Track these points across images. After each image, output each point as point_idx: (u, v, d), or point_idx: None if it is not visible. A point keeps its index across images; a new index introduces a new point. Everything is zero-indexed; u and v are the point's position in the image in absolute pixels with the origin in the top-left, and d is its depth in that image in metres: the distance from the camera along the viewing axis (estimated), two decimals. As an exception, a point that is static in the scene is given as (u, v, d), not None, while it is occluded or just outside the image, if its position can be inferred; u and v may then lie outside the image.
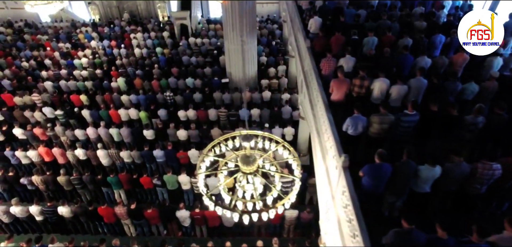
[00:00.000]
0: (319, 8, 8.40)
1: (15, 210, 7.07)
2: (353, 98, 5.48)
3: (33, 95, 10.90)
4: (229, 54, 10.82)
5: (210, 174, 5.45)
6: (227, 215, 3.86)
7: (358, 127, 4.64)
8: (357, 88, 5.37)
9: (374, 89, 5.35)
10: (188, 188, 7.73)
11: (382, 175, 3.80)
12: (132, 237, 7.56)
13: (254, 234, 7.40)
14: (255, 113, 9.86)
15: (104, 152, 8.51)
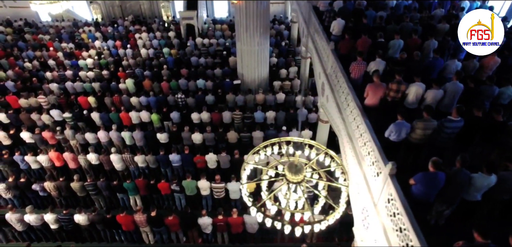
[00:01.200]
0: (338, 10, 8.28)
1: (30, 218, 6.78)
2: (388, 103, 5.36)
3: (39, 97, 10.54)
4: (242, 56, 10.64)
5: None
6: (277, 227, 3.71)
7: (401, 133, 4.52)
8: (393, 92, 5.25)
9: (410, 94, 5.25)
10: (207, 194, 7.52)
11: (437, 184, 3.68)
12: (151, 244, 7.32)
13: (277, 240, 7.24)
14: (270, 116, 9.70)
15: (117, 157, 8.25)
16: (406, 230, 3.60)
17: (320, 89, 8.24)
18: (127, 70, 12.08)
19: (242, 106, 10.29)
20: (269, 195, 3.88)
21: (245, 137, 8.94)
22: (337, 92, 6.60)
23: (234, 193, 7.45)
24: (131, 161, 8.24)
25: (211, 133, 8.90)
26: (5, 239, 7.33)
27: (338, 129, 6.53)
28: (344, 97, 6.21)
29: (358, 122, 5.37)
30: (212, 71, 11.86)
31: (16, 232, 7.13)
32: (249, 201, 3.92)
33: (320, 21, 8.49)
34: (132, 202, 7.85)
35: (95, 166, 8.49)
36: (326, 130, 8.73)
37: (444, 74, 6.02)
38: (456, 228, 4.08)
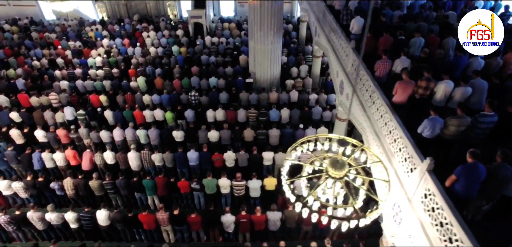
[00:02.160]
0: (355, 9, 8.33)
1: (51, 216, 6.72)
2: (416, 101, 5.42)
3: (51, 95, 10.46)
4: (255, 54, 10.64)
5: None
6: (323, 221, 3.73)
7: (435, 129, 4.57)
8: (422, 90, 5.31)
9: (438, 91, 5.30)
10: (227, 192, 7.50)
11: (478, 175, 3.71)
12: (172, 244, 7.29)
13: (299, 238, 7.25)
14: (285, 114, 9.73)
15: (135, 154, 8.21)
16: (449, 224, 3.65)
17: (338, 87, 8.29)
18: (138, 68, 12.00)
19: (255, 105, 10.29)
20: (314, 190, 3.89)
21: (261, 135, 8.96)
22: (360, 90, 6.65)
23: (254, 191, 7.46)
24: (148, 159, 8.19)
25: (227, 130, 8.89)
26: (25, 238, 7.24)
27: (362, 126, 6.57)
28: (368, 95, 6.25)
29: (386, 119, 5.41)
30: (223, 69, 11.84)
31: (35, 231, 7.05)
32: (293, 196, 3.93)
33: (336, 20, 8.54)
34: (150, 202, 7.80)
35: (110, 166, 8.42)
36: (343, 127, 8.77)
37: (467, 71, 6.10)
38: (493, 223, 4.14)
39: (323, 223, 3.85)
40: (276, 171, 8.41)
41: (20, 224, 6.85)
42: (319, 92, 10.95)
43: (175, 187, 7.55)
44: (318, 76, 11.93)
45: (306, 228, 6.91)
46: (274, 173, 8.38)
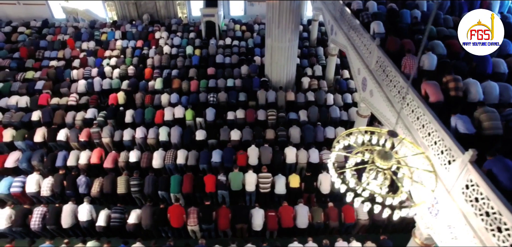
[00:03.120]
0: (372, 14, 8.42)
1: (83, 214, 6.78)
2: (451, 99, 5.49)
3: (71, 96, 10.52)
4: (272, 52, 10.70)
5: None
6: (376, 210, 3.81)
7: (469, 125, 4.67)
8: (454, 91, 5.40)
9: (470, 90, 5.40)
10: (252, 190, 7.53)
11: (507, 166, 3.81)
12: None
13: (327, 234, 7.30)
14: (303, 114, 9.82)
15: (159, 153, 8.28)
16: (496, 213, 3.72)
17: (360, 84, 8.38)
18: (155, 69, 12.06)
19: (273, 103, 10.37)
20: (367, 180, 3.96)
21: (282, 135, 9.03)
22: (387, 86, 6.73)
23: (279, 187, 7.52)
24: (172, 157, 8.23)
25: (249, 128, 8.98)
26: (50, 236, 7.25)
27: (389, 122, 6.66)
28: (396, 91, 6.34)
29: (418, 114, 5.50)
30: (239, 69, 11.92)
31: (59, 229, 7.09)
32: (344, 185, 3.99)
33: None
34: (174, 200, 7.81)
35: (132, 164, 8.43)
36: (364, 124, 8.86)
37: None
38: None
39: (375, 212, 3.95)
40: (298, 170, 8.47)
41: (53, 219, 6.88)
42: (334, 92, 11.05)
43: (200, 186, 7.58)
44: (332, 75, 12.02)
45: (333, 224, 6.97)
46: (297, 172, 8.42)
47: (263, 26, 15.55)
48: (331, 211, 7.07)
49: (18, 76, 11.83)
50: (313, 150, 8.44)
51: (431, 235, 5.16)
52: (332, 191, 7.66)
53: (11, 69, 12.28)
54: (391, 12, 8.56)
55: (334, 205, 7.23)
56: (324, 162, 8.30)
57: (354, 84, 11.65)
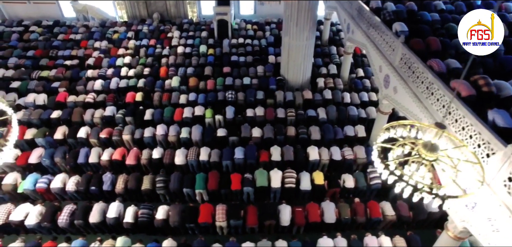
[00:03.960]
0: (393, 12, 8.49)
1: (112, 211, 6.81)
2: (483, 94, 5.57)
3: (89, 95, 10.56)
4: (289, 50, 10.75)
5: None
6: (426, 201, 3.85)
7: (509, 119, 4.75)
8: (486, 87, 5.49)
9: (502, 87, 5.49)
10: (277, 187, 7.56)
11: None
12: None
13: (353, 229, 7.34)
14: (322, 112, 9.89)
15: (181, 150, 8.32)
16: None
17: (382, 82, 8.45)
18: (170, 67, 12.10)
19: (291, 101, 10.44)
20: (414, 171, 3.99)
21: (303, 132, 9.09)
22: (413, 82, 6.82)
23: (304, 183, 7.58)
24: (195, 154, 8.27)
25: (270, 126, 9.04)
26: (78, 233, 7.26)
27: (417, 117, 6.72)
28: (424, 87, 6.42)
29: (451, 109, 5.59)
30: (255, 68, 11.98)
31: (81, 227, 7.12)
32: (394, 176, 4.01)
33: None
34: (198, 197, 7.84)
35: (154, 162, 8.44)
36: (385, 121, 8.95)
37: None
38: None
39: (425, 202, 3.99)
40: (320, 167, 8.53)
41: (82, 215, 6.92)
42: (349, 90, 11.13)
43: (225, 183, 7.62)
44: (347, 74, 12.10)
45: (360, 220, 7.03)
46: (319, 169, 8.45)
47: (274, 26, 15.62)
48: (358, 206, 7.13)
49: (33, 74, 11.83)
50: (334, 148, 8.52)
51: (466, 228, 5.23)
52: (357, 187, 7.74)
53: (26, 68, 12.26)
54: (411, 11, 8.64)
55: (360, 201, 7.30)
56: (346, 159, 8.39)
57: (370, 82, 11.79)
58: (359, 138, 9.22)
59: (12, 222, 6.89)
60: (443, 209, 4.97)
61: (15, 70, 12.12)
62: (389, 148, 4.39)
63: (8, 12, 16.75)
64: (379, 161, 4.30)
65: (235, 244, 6.41)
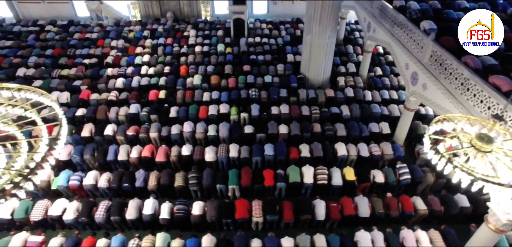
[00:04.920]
0: (420, 10, 8.61)
1: (148, 207, 6.87)
2: None
3: (112, 92, 10.61)
4: (311, 48, 10.85)
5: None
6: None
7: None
8: None
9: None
10: (310, 183, 7.64)
11: None
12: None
13: (385, 223, 7.43)
14: (345, 110, 10.00)
15: (211, 147, 8.40)
16: None
17: (408, 79, 8.57)
18: (190, 66, 12.18)
19: (313, 99, 10.55)
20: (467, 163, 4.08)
21: (329, 129, 9.20)
22: (446, 79, 6.95)
23: (337, 180, 7.68)
24: (225, 151, 8.36)
25: (297, 123, 9.15)
26: (113, 228, 7.32)
27: (450, 113, 6.83)
28: (459, 83, 6.55)
29: (489, 103, 5.73)
30: (274, 67, 12.08)
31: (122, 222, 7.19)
32: (451, 166, 4.09)
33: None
34: (231, 193, 7.91)
35: (184, 159, 8.51)
36: (410, 118, 9.08)
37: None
38: None
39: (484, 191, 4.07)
40: (348, 163, 8.64)
41: (118, 211, 6.99)
42: (370, 89, 11.24)
43: (257, 179, 7.70)
44: (366, 72, 12.22)
45: (394, 214, 7.14)
46: (347, 165, 8.56)
47: (288, 25, 15.73)
48: (391, 201, 7.24)
49: (54, 73, 11.87)
50: (362, 145, 8.64)
51: (511, 221, 5.34)
52: (387, 182, 7.86)
53: (46, 67, 12.30)
54: (437, 10, 8.78)
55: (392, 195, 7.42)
56: (373, 155, 8.51)
57: (389, 80, 11.90)
58: (384, 134, 9.34)
59: (51, 217, 6.95)
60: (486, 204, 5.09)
61: (35, 69, 12.13)
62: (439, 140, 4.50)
63: (22, 12, 16.77)
64: (433, 152, 4.40)
65: (274, 239, 6.48)
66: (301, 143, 8.62)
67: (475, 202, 7.18)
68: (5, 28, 15.33)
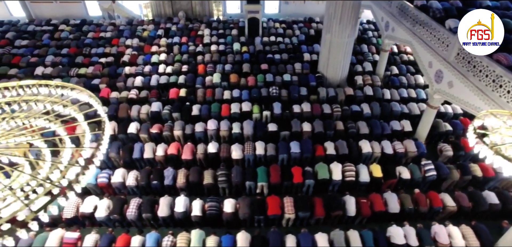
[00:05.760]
0: (444, 9, 8.69)
1: (179, 205, 6.92)
2: None
3: (132, 91, 10.62)
4: (330, 47, 10.91)
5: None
6: None
7: None
8: None
9: None
10: (338, 179, 7.70)
11: None
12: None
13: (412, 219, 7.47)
14: (365, 108, 10.07)
15: (237, 145, 8.45)
16: None
17: (432, 77, 8.65)
18: (208, 65, 12.22)
19: (333, 97, 10.62)
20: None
21: (352, 127, 9.27)
22: (475, 76, 7.02)
23: (364, 176, 7.74)
24: (251, 148, 8.40)
25: (320, 120, 9.21)
26: (142, 226, 7.33)
27: (478, 110, 6.92)
28: (490, 80, 6.63)
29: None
30: (291, 66, 12.14)
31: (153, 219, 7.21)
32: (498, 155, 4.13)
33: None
34: (259, 190, 7.93)
35: (210, 156, 8.53)
36: (432, 115, 9.16)
37: None
38: None
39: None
40: (372, 160, 8.70)
41: (149, 209, 7.01)
42: (388, 87, 11.31)
43: (286, 176, 7.75)
44: (383, 71, 12.31)
45: (423, 209, 7.21)
46: (371, 162, 8.61)
47: (301, 25, 15.80)
48: (419, 197, 7.32)
49: (71, 72, 11.87)
50: (385, 142, 8.71)
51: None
52: (413, 178, 7.92)
53: (63, 65, 12.30)
54: (460, 8, 8.86)
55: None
56: (397, 152, 8.58)
57: (406, 79, 11.98)
58: (406, 132, 9.42)
59: (82, 214, 6.97)
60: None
61: (53, 68, 12.12)
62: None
63: (35, 12, 16.74)
64: (480, 145, 4.45)
65: (308, 235, 6.52)
66: (326, 141, 8.68)
67: (503, 199, 7.26)
68: (19, 28, 15.28)
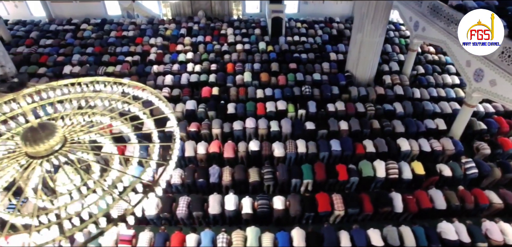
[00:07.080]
0: (482, 8, 8.78)
1: (230, 203, 7.00)
2: None
3: (164, 89, 10.64)
4: (360, 47, 11.00)
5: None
6: None
7: None
8: None
9: None
10: (382, 177, 7.78)
11: None
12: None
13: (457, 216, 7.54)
14: (398, 107, 10.16)
15: (278, 143, 8.50)
16: None
17: (471, 76, 8.74)
18: (236, 63, 12.26)
19: (365, 96, 10.71)
20: None
21: (388, 125, 9.36)
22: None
23: (407, 174, 7.82)
24: (293, 147, 8.46)
25: (356, 119, 9.30)
26: (191, 224, 7.36)
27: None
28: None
29: None
30: (319, 65, 12.22)
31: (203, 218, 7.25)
32: None
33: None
34: (303, 188, 8.00)
35: (253, 154, 8.56)
36: (469, 114, 9.26)
37: None
38: None
39: None
40: (410, 157, 8.79)
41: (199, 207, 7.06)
42: (416, 87, 11.41)
43: (331, 173, 7.81)
44: (410, 71, 12.41)
45: (469, 206, 7.29)
46: (409, 160, 8.69)
47: (323, 25, 15.89)
48: (465, 194, 7.40)
49: (99, 71, 11.86)
50: (422, 140, 8.82)
51: None
52: (454, 176, 8.01)
53: (90, 64, 12.29)
54: (498, 7, 8.99)
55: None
56: (434, 150, 8.68)
57: (433, 78, 12.09)
58: (440, 130, 9.52)
59: (133, 212, 6.94)
60: None
61: (80, 66, 12.12)
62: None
63: (55, 11, 16.70)
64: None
65: (361, 231, 6.58)
66: (363, 139, 8.76)
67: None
68: (42, 28, 15.24)
